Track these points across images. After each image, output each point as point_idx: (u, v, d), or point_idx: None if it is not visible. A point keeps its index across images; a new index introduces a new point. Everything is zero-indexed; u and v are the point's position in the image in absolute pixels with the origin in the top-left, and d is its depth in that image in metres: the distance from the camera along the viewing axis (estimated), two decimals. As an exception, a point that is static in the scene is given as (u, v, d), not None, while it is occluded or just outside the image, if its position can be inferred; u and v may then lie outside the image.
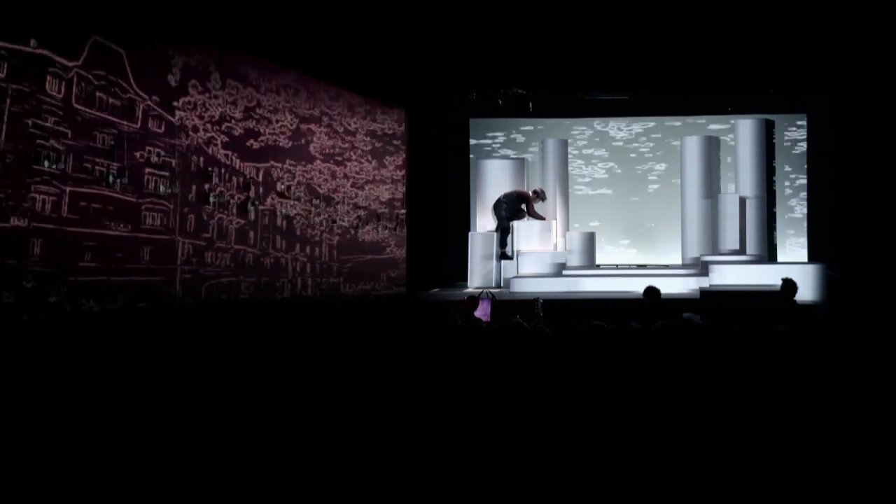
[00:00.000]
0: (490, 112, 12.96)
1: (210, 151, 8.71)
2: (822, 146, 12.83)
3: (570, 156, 13.09)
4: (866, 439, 3.51)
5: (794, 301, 7.43)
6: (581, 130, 13.73)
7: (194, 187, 8.43)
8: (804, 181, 13.18)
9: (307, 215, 10.36)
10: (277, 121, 9.82)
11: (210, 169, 8.67)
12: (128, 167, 7.41)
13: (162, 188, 7.90)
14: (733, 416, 3.68)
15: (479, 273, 11.87)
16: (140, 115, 7.61)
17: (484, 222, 12.47)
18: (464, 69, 11.05)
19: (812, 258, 12.30)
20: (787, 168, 13.21)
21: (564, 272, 11.54)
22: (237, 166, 9.18)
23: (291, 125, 10.09)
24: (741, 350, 4.36)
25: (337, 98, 10.96)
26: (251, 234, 9.42)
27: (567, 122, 13.63)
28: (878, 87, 10.76)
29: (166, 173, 7.99)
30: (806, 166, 13.19)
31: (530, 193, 12.04)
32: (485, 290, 9.64)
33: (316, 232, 10.52)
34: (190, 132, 8.36)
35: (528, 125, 13.62)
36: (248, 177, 9.29)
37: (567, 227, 12.68)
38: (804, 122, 13.24)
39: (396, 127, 12.17)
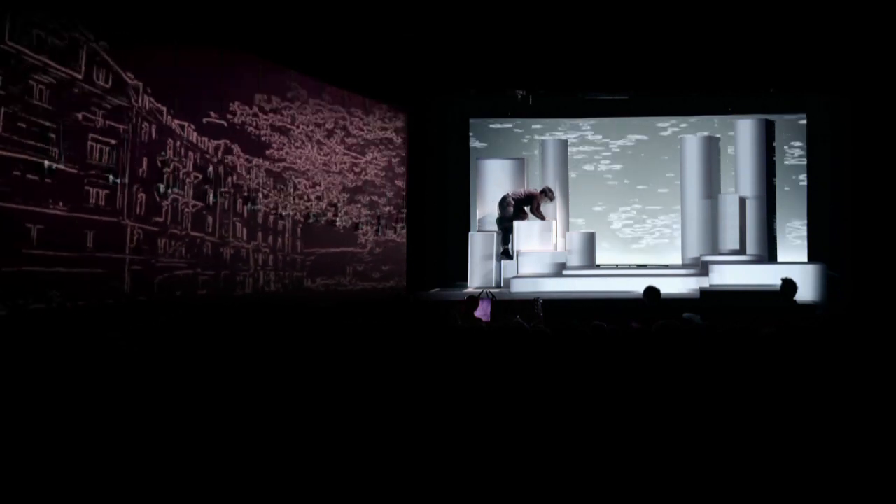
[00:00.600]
0: (490, 112, 12.96)
1: (165, 120, 7.68)
2: (822, 146, 12.83)
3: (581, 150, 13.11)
4: (866, 439, 3.51)
5: (794, 301, 7.42)
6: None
7: (145, 161, 7.29)
8: (804, 181, 13.19)
9: (274, 205, 9.67)
10: (261, 107, 9.44)
11: (164, 140, 7.61)
12: (68, 129, 6.26)
13: (107, 159, 6.67)
14: (733, 416, 3.68)
15: (479, 273, 11.87)
16: (84, 62, 6.36)
17: (484, 223, 12.47)
18: (464, 69, 11.05)
19: (812, 258, 12.30)
20: (787, 168, 13.23)
21: (564, 272, 11.54)
22: (194, 139, 8.16)
23: (273, 112, 9.74)
24: (741, 350, 4.35)
25: (337, 98, 10.96)
26: (209, 219, 8.44)
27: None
28: (878, 87, 10.77)
29: (113, 141, 6.81)
30: (806, 166, 13.20)
31: (539, 192, 12.06)
32: (485, 290, 9.64)
33: (285, 222, 9.83)
34: (142, 94, 7.26)
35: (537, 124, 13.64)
36: (205, 153, 8.37)
37: (567, 227, 12.69)
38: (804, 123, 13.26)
39: (397, 126, 12.19)
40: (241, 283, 9.01)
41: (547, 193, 12.09)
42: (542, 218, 11.99)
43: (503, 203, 12.00)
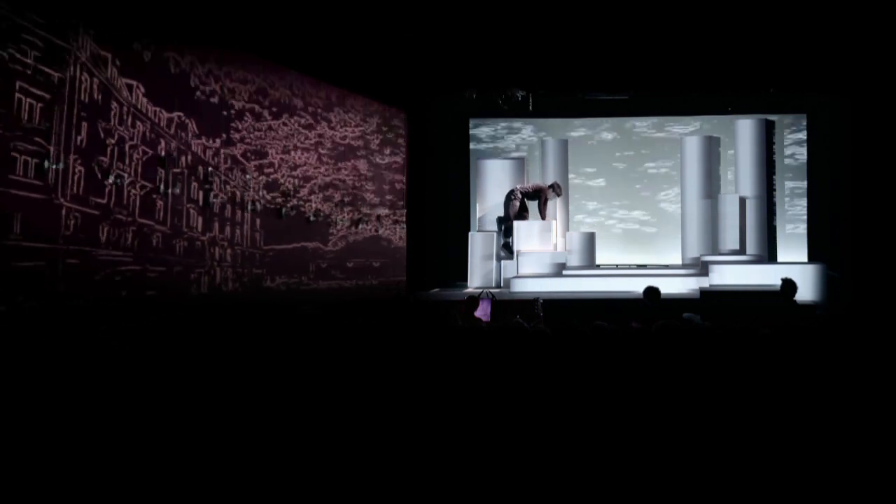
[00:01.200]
0: (490, 112, 12.95)
1: (110, 73, 6.44)
2: (822, 146, 12.83)
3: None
4: (866, 439, 3.51)
5: (794, 301, 7.42)
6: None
7: (85, 127, 6.04)
8: (804, 181, 13.19)
9: (233, 193, 8.73)
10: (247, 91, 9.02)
11: (109, 103, 6.35)
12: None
13: (38, 119, 5.34)
14: (733, 416, 3.68)
15: (479, 273, 11.87)
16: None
17: (484, 223, 12.47)
18: (464, 69, 11.04)
19: (812, 258, 12.30)
20: (787, 169, 13.22)
21: (564, 272, 11.54)
22: (144, 108, 7.02)
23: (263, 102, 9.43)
24: (741, 350, 4.35)
25: (337, 97, 10.96)
26: (160, 205, 7.31)
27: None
28: (878, 87, 10.76)
29: (47, 95, 5.54)
30: (806, 166, 13.20)
31: (547, 187, 12.07)
32: (485, 290, 9.64)
33: (245, 213, 8.92)
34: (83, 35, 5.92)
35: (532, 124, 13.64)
36: (156, 124, 7.33)
37: (567, 227, 12.69)
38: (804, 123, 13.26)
39: (397, 126, 12.18)
40: (195, 281, 7.88)
41: (555, 188, 12.11)
42: (544, 217, 11.99)
43: (509, 197, 12.00)
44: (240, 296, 8.70)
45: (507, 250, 11.90)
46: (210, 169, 8.33)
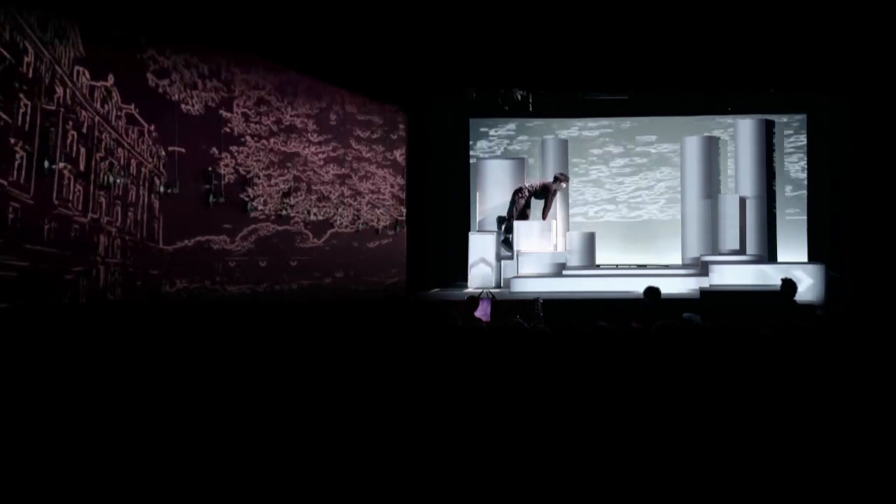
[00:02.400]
0: (490, 112, 12.95)
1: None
2: (822, 146, 12.83)
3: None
4: (866, 438, 3.51)
5: (794, 301, 7.43)
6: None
7: None
8: (804, 181, 13.19)
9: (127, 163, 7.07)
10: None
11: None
12: None
13: None
14: (733, 416, 3.68)
15: (480, 273, 11.86)
16: None
17: (484, 223, 12.46)
18: (464, 69, 11.04)
19: (812, 258, 12.30)
20: (787, 169, 13.23)
21: (564, 272, 11.54)
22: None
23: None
24: (741, 350, 4.35)
25: (337, 97, 10.96)
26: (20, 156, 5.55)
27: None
28: (878, 87, 10.76)
29: None
30: (806, 166, 13.20)
31: (552, 182, 12.07)
32: (485, 290, 9.64)
33: (140, 192, 7.26)
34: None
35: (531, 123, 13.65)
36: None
37: (567, 227, 12.68)
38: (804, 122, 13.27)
39: (398, 126, 12.18)
40: (71, 283, 5.93)
41: (560, 179, 12.11)
42: (545, 217, 11.98)
43: (517, 194, 11.99)
44: (125, 302, 6.57)
45: (507, 247, 11.89)
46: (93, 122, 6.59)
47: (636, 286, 9.30)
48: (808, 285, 7.06)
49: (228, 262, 8.74)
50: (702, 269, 11.19)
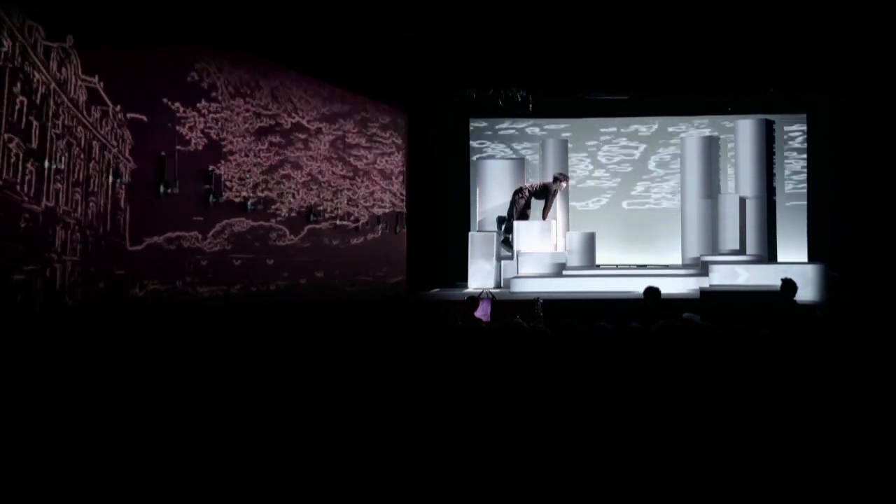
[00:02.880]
0: (490, 112, 12.96)
1: None
2: (822, 146, 12.83)
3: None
4: (866, 438, 3.51)
5: (794, 301, 7.43)
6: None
7: None
8: (804, 181, 13.19)
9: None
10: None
11: None
12: None
13: None
14: (733, 416, 3.68)
15: (480, 273, 11.86)
16: None
17: (484, 223, 12.46)
18: (464, 69, 11.04)
19: (812, 258, 12.29)
20: (787, 169, 13.23)
21: (564, 272, 11.54)
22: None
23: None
24: (741, 350, 4.35)
25: (337, 97, 10.95)
26: None
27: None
28: (878, 87, 10.76)
29: None
30: (806, 166, 13.20)
31: (552, 182, 12.07)
32: (485, 290, 9.63)
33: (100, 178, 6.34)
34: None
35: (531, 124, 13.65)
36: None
37: (567, 227, 12.68)
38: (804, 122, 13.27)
39: (398, 126, 12.18)
40: (22, 284, 4.95)
41: (559, 179, 12.11)
42: (545, 217, 11.97)
43: (517, 194, 11.99)
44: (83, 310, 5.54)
45: (507, 246, 11.89)
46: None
47: (636, 286, 9.31)
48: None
49: (225, 259, 8.33)
50: (702, 269, 11.19)
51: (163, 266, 7.23)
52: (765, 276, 10.09)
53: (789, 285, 7.36)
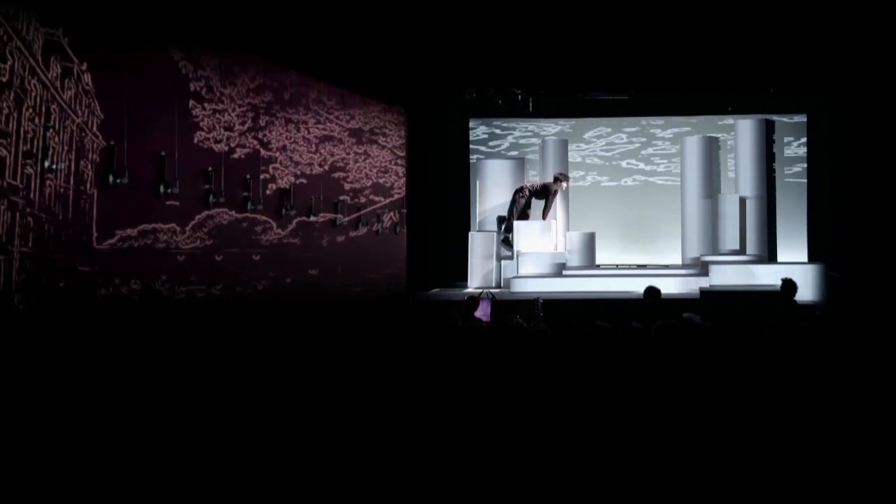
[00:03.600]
0: (490, 112, 12.96)
1: None
2: (821, 146, 12.83)
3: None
4: (866, 438, 3.51)
5: (794, 301, 7.43)
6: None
7: None
8: (804, 181, 13.19)
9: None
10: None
11: None
12: None
13: None
14: (733, 416, 3.68)
15: (479, 273, 11.86)
16: None
17: (484, 223, 12.46)
18: (464, 69, 11.04)
19: (812, 258, 12.30)
20: (787, 169, 13.24)
21: (564, 272, 11.54)
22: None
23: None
24: (741, 350, 4.35)
25: (337, 97, 10.95)
26: None
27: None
28: (878, 87, 10.76)
29: None
30: (806, 166, 13.21)
31: (552, 182, 12.07)
32: (485, 290, 9.63)
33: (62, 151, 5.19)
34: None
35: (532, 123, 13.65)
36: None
37: (567, 227, 12.68)
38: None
39: (398, 126, 12.18)
40: None
41: (560, 179, 12.11)
42: (545, 217, 11.97)
43: (517, 194, 11.99)
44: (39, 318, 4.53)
45: (507, 245, 11.89)
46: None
47: (636, 286, 9.30)
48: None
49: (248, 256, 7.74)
50: (702, 269, 11.19)
51: (136, 263, 6.25)
52: (765, 276, 10.10)
53: (789, 285, 7.36)
